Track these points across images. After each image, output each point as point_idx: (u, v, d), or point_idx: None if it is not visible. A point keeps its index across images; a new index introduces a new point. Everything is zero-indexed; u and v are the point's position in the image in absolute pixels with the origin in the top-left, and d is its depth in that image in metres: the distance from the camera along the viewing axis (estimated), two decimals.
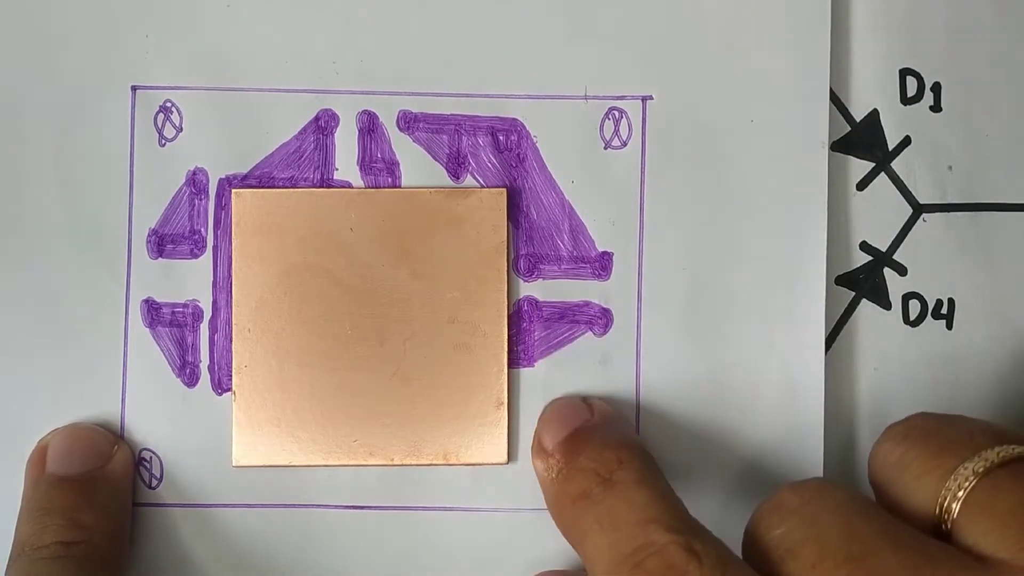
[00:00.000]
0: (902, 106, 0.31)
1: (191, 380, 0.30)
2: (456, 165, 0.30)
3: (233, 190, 0.30)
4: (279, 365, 0.29)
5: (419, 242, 0.30)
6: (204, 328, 0.30)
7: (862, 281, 0.31)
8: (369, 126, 0.30)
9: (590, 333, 0.30)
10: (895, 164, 0.31)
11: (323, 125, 0.30)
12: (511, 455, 0.30)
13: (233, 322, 0.30)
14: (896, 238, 0.31)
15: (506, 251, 0.30)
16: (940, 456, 0.22)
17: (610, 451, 0.26)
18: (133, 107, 0.30)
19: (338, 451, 0.29)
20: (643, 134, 0.30)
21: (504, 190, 0.30)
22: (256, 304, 0.29)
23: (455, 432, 0.30)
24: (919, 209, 0.31)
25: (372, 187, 0.30)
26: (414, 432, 0.29)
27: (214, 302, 0.30)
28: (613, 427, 0.28)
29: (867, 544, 0.21)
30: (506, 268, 0.30)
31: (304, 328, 0.29)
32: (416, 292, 0.30)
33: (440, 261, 0.30)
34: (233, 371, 0.29)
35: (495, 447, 0.30)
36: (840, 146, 0.31)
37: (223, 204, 0.30)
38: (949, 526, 0.22)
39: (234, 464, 0.29)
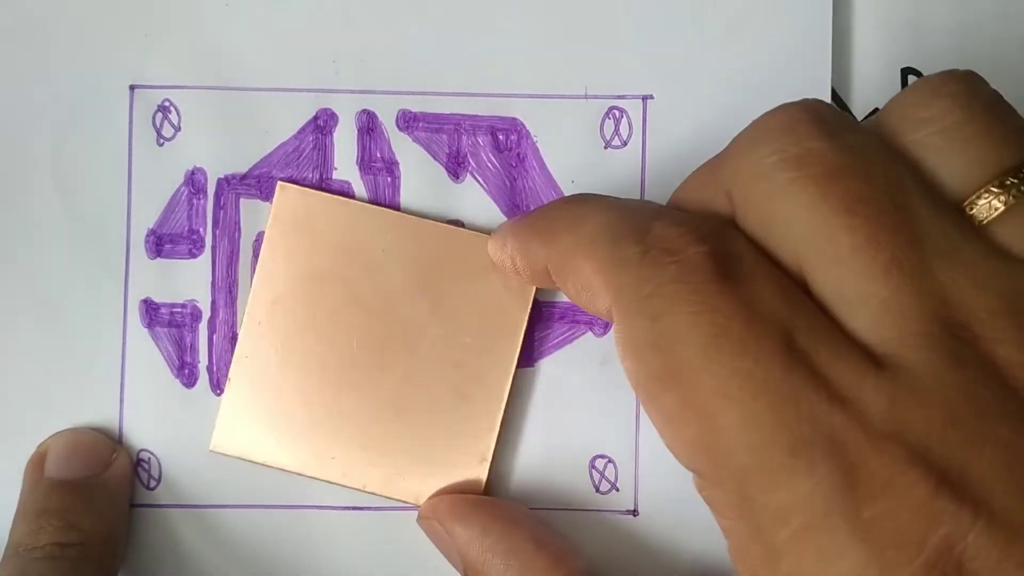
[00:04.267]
0: None
1: (189, 381, 0.30)
2: (456, 164, 0.30)
3: (279, 182, 0.29)
4: (279, 364, 0.29)
5: (447, 280, 0.29)
6: (203, 328, 0.30)
7: None
8: (368, 125, 0.30)
9: (590, 333, 0.30)
10: None
11: (322, 124, 0.30)
12: None
13: (246, 311, 0.29)
14: None
15: (527, 312, 0.29)
16: (1002, 146, 0.20)
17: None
18: (131, 106, 0.30)
19: (313, 463, 0.29)
20: (643, 133, 0.30)
21: None
22: (273, 299, 0.29)
23: (432, 476, 0.29)
24: None
25: (373, 196, 0.30)
26: (392, 465, 0.29)
27: (213, 302, 0.30)
28: None
29: (909, 198, 0.20)
30: (523, 329, 0.29)
31: (314, 334, 0.29)
32: (430, 329, 0.29)
33: (461, 304, 0.29)
34: (233, 359, 0.29)
35: None
36: None
37: (222, 204, 0.30)
38: (982, 222, 0.20)
39: (210, 448, 0.29)
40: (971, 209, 0.20)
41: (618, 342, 0.21)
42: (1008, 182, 0.20)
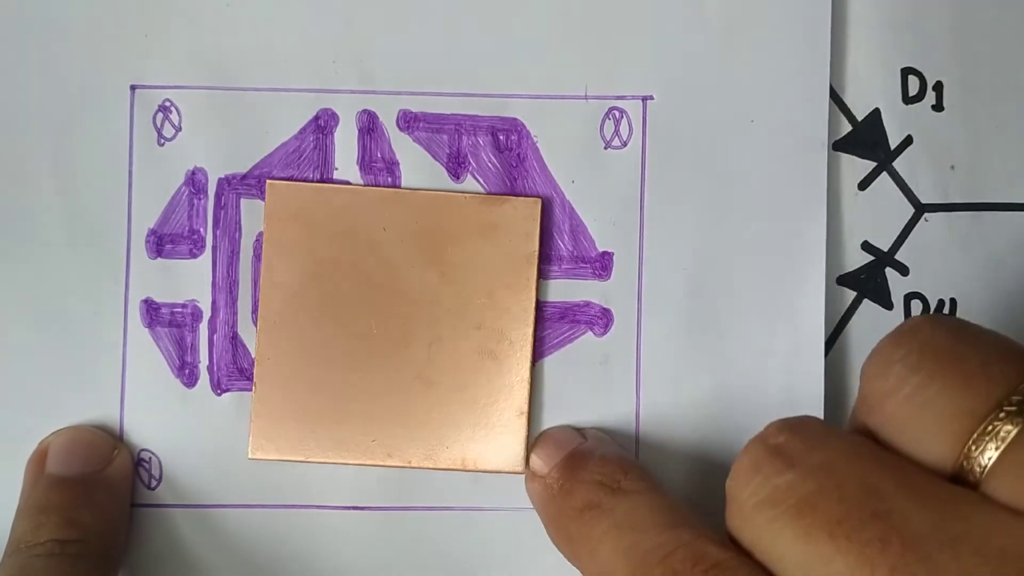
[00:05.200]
0: (904, 105, 0.31)
1: (190, 380, 0.30)
2: (456, 165, 0.30)
3: (268, 181, 0.30)
4: (303, 359, 0.29)
5: (451, 246, 0.29)
6: (203, 328, 0.30)
7: (864, 281, 0.31)
8: (369, 126, 0.30)
9: (590, 333, 0.30)
10: (897, 164, 0.31)
11: (323, 125, 0.30)
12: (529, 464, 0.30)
13: (259, 314, 0.29)
14: (898, 238, 0.31)
15: (536, 261, 0.30)
16: (967, 394, 0.19)
17: (612, 464, 0.26)
18: (132, 106, 0.30)
19: (356, 450, 0.29)
20: (643, 134, 0.30)
21: (539, 200, 0.30)
22: (284, 297, 0.29)
23: (474, 439, 0.29)
24: (921, 209, 0.31)
25: (379, 185, 0.30)
26: (433, 436, 0.29)
27: (213, 302, 0.30)
28: (609, 446, 0.28)
29: (888, 500, 0.19)
30: (535, 278, 0.30)
31: (330, 324, 0.29)
32: (444, 296, 0.29)
33: (470, 266, 0.29)
34: (255, 363, 0.29)
35: (513, 455, 0.29)
36: (842, 145, 0.31)
37: (222, 204, 0.30)
38: (979, 476, 0.19)
39: (250, 457, 0.29)
40: (962, 472, 0.19)
41: None
42: (990, 428, 0.19)
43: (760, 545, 0.20)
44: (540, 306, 0.30)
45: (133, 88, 0.30)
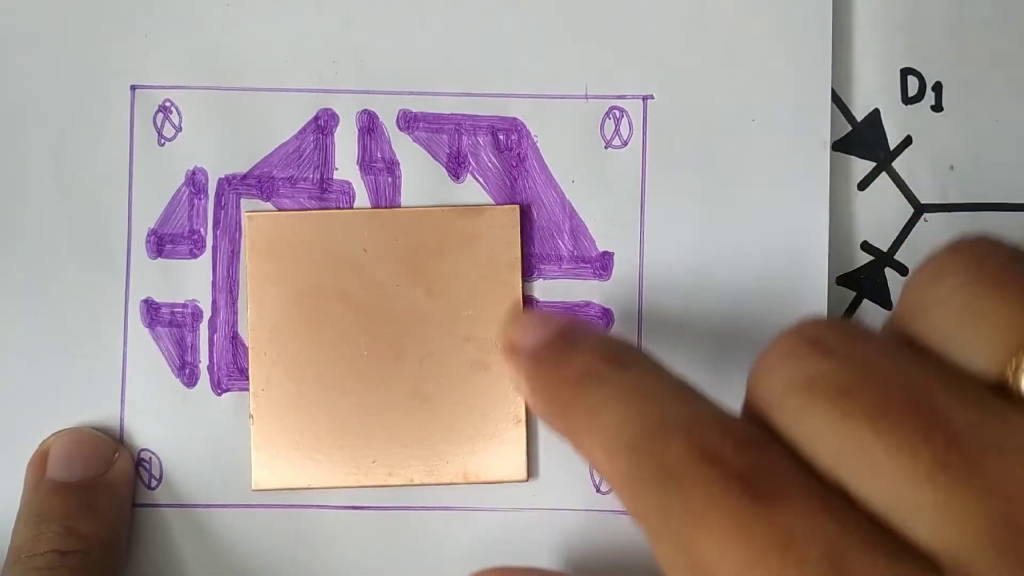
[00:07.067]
0: (903, 106, 0.31)
1: (190, 380, 0.30)
2: (456, 165, 0.30)
3: (246, 213, 0.30)
4: (296, 388, 0.29)
5: (433, 261, 0.29)
6: (203, 328, 0.30)
7: (864, 281, 0.31)
8: (369, 126, 0.30)
9: None
10: (896, 164, 0.31)
11: (323, 125, 0.30)
12: (531, 472, 0.30)
13: (250, 346, 0.29)
14: (897, 238, 0.31)
15: (520, 268, 0.30)
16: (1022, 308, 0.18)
17: (612, 341, 0.23)
18: (132, 107, 0.30)
19: (357, 472, 0.29)
20: (644, 133, 0.30)
21: (516, 207, 0.30)
22: (272, 327, 0.29)
23: (474, 451, 0.29)
24: (920, 209, 0.31)
25: (374, 196, 0.30)
26: (433, 452, 0.29)
27: (213, 302, 0.30)
28: (603, 330, 0.25)
29: (931, 396, 0.18)
30: (520, 285, 0.30)
31: (321, 350, 0.29)
32: (431, 311, 0.29)
33: (454, 279, 0.29)
34: (251, 395, 0.29)
35: (514, 464, 0.29)
36: (841, 146, 0.31)
37: (222, 204, 0.30)
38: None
39: (253, 488, 0.29)
40: (1012, 383, 0.18)
41: (656, 560, 0.20)
42: None
43: (788, 432, 0.19)
44: (538, 307, 0.30)
45: (133, 88, 0.30)
